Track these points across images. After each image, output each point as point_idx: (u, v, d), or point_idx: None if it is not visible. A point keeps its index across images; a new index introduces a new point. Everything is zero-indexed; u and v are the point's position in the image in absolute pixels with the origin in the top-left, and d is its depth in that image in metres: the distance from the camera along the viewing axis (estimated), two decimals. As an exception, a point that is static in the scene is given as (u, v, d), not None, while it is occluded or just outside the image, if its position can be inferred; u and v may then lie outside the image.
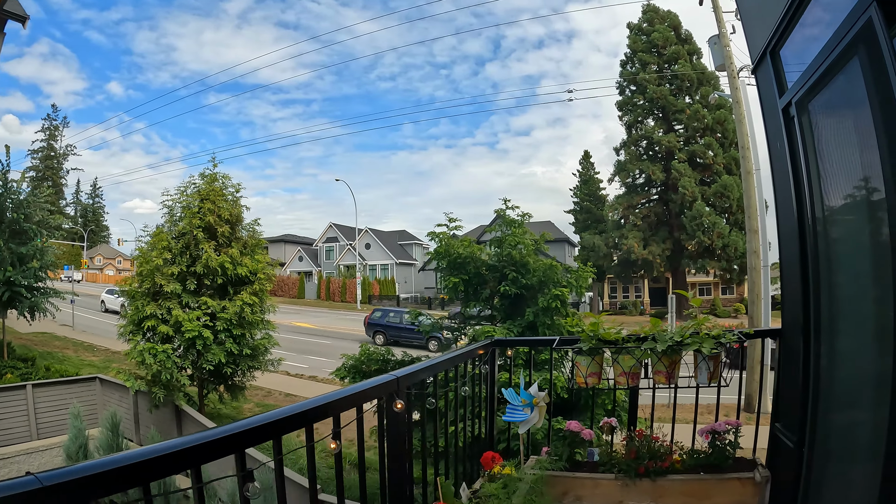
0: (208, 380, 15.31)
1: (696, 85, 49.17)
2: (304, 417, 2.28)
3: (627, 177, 51.45)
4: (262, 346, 15.54)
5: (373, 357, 10.00)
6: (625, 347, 3.75)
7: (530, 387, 3.88)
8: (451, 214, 10.30)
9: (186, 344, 14.07)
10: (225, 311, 14.44)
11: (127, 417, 14.76)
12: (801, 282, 3.56)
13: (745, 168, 18.08)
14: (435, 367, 3.64)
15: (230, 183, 15.85)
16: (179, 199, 15.36)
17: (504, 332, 9.14)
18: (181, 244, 14.73)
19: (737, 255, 45.36)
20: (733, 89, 18.69)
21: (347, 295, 67.54)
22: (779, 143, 3.87)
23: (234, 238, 15.43)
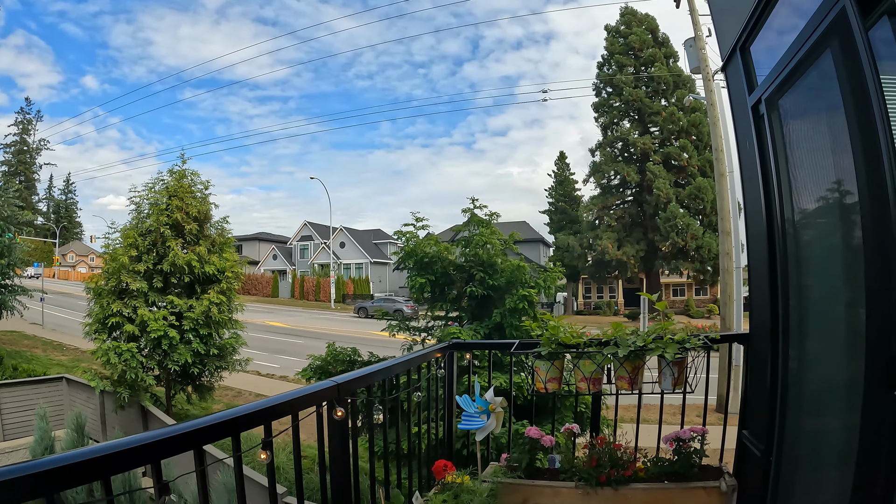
0: (175, 380, 15.01)
1: (672, 88, 49.40)
2: (230, 426, 2.13)
3: (602, 178, 51.53)
4: (230, 346, 15.25)
5: (339, 357, 9.80)
6: (586, 352, 3.62)
7: (486, 392, 3.74)
8: (418, 213, 10.11)
9: (152, 344, 13.78)
10: (192, 311, 14.17)
11: (93, 418, 14.49)
12: (769, 285, 3.44)
13: (718, 170, 18.08)
14: (385, 371, 3.46)
15: (199, 180, 15.58)
16: (147, 196, 15.06)
17: (470, 333, 8.97)
18: (148, 241, 14.43)
19: (710, 257, 45.62)
20: (708, 92, 18.70)
21: (322, 294, 67.10)
22: (748, 142, 3.75)
23: (202, 236, 15.14)
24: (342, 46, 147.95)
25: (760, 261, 3.61)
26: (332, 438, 2.84)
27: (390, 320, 10.28)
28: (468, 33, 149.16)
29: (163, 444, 1.86)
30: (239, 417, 2.15)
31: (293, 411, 2.51)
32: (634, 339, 3.52)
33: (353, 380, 3.00)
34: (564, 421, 8.33)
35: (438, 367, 4.04)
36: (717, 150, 18.12)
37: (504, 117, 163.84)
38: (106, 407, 14.49)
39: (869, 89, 2.24)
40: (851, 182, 2.52)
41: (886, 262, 2.23)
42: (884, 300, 2.26)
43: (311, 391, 2.66)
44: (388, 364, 3.52)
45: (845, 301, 2.87)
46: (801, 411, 3.26)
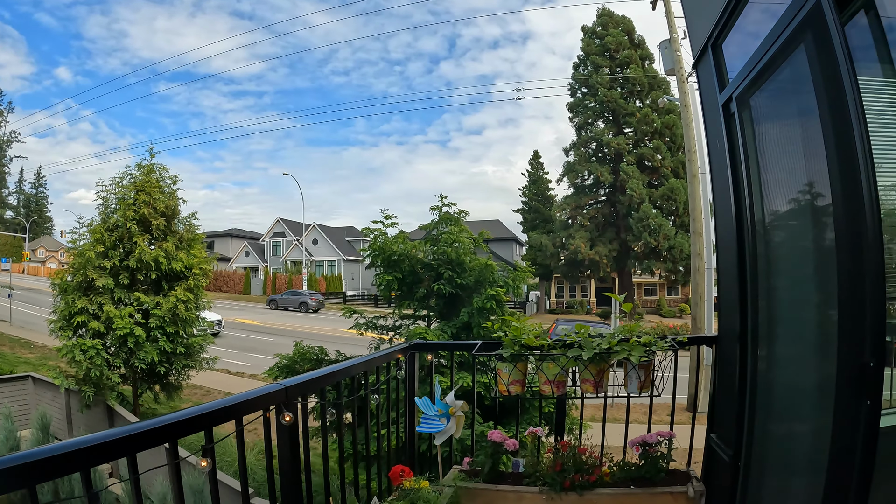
0: (142, 379, 14.73)
1: (647, 89, 49.70)
2: (166, 433, 2.00)
3: (576, 178, 51.78)
4: (198, 345, 15.00)
5: (306, 356, 9.63)
6: (549, 354, 3.52)
7: (447, 395, 3.63)
8: (387, 211, 9.97)
9: (118, 341, 13.48)
10: (158, 308, 13.88)
11: (59, 417, 14.31)
12: (738, 287, 3.37)
13: (691, 172, 18.14)
14: (339, 373, 3.33)
15: (167, 174, 15.26)
16: (115, 191, 14.74)
17: (437, 332, 8.85)
18: (114, 237, 14.15)
19: (682, 257, 45.87)
20: (682, 93, 18.74)
21: (294, 291, 66.55)
22: (718, 141, 3.67)
23: (170, 231, 14.87)
24: (319, 42, 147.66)
25: (730, 262, 3.54)
26: (281, 445, 2.69)
27: (358, 318, 10.10)
28: (445, 31, 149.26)
29: (91, 451, 1.74)
30: (175, 423, 2.02)
31: (237, 416, 2.36)
32: (599, 341, 3.43)
33: (302, 383, 2.84)
34: (531, 421, 8.25)
35: (398, 369, 3.92)
36: (690, 152, 18.16)
37: (479, 116, 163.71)
38: (72, 406, 14.22)
39: (844, 87, 2.15)
40: (824, 183, 2.44)
41: (859, 265, 2.16)
42: (856, 304, 2.18)
43: (256, 395, 2.50)
44: (343, 365, 3.38)
45: (816, 304, 2.80)
46: (770, 416, 3.19)
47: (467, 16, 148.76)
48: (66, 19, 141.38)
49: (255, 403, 2.47)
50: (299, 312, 51.29)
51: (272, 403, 2.56)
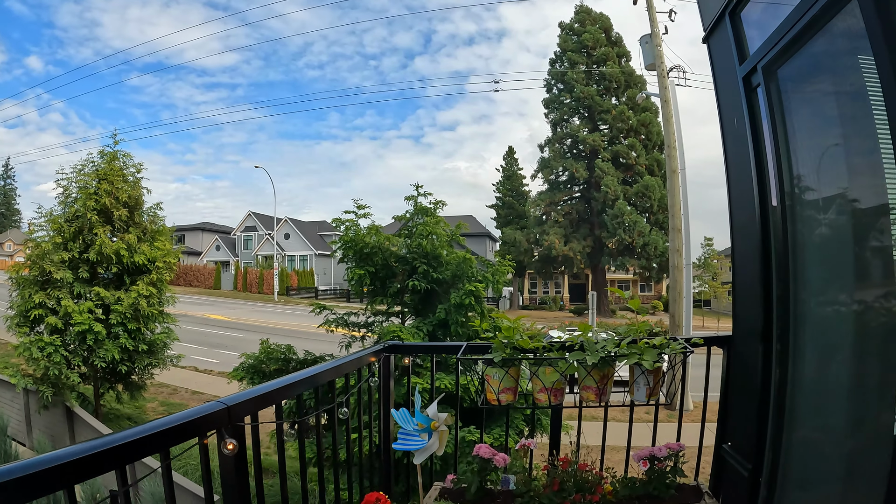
0: (103, 378, 14.10)
1: (624, 87, 49.66)
2: (62, 475, 1.45)
3: (551, 174, 51.58)
4: (161, 342, 14.32)
5: (273, 355, 9.12)
6: (547, 359, 3.09)
7: (429, 407, 3.15)
8: (360, 201, 9.43)
9: (77, 338, 12.85)
10: (119, 303, 13.23)
11: (18, 419, 13.73)
12: (760, 279, 2.95)
13: (670, 167, 17.85)
14: (301, 383, 2.79)
15: (131, 163, 14.52)
16: (76, 179, 14.00)
17: (412, 330, 8.37)
18: (74, 228, 13.46)
19: (656, 254, 45.95)
20: (662, 88, 18.48)
21: (265, 286, 65.81)
22: (736, 118, 3.25)
23: (133, 223, 14.15)
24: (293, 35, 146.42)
25: (750, 252, 3.11)
26: (225, 478, 2.10)
27: (329, 315, 9.58)
28: (421, 27, 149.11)
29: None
30: (68, 464, 1.45)
31: (160, 449, 1.81)
32: (605, 342, 3.01)
33: (251, 399, 2.28)
34: (516, 424, 7.83)
35: (371, 375, 3.42)
36: (670, 147, 17.86)
37: (453, 112, 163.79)
38: (31, 406, 13.55)
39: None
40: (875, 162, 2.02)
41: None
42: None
43: (189, 417, 1.92)
44: (305, 374, 2.86)
45: (860, 298, 2.39)
46: (800, 426, 2.78)
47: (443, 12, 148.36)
48: (37, 7, 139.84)
49: (185, 430, 1.90)
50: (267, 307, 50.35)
51: (210, 428, 1.99)
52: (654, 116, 48.36)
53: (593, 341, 2.97)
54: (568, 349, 3.06)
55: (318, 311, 9.61)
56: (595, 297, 19.82)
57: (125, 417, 15.47)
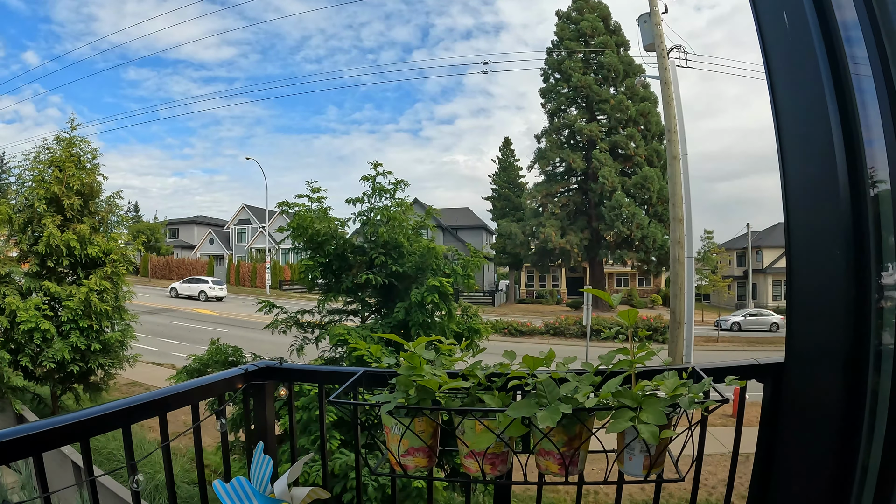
0: (56, 379, 13.06)
1: (622, 76, 48.47)
2: None
3: (547, 165, 50.35)
4: (116, 341, 13.26)
5: (219, 357, 7.99)
6: (476, 409, 1.78)
7: (279, 480, 1.85)
8: (315, 183, 8.20)
9: (24, 337, 11.83)
10: (71, 299, 12.24)
11: None
12: (848, 282, 1.71)
13: (671, 153, 16.70)
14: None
15: (88, 149, 13.54)
16: (31, 167, 13.11)
17: (365, 333, 7.19)
18: (22, 219, 12.58)
19: (655, 247, 44.92)
20: (662, 69, 17.33)
21: (258, 280, 64.90)
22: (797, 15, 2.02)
23: (87, 212, 13.14)
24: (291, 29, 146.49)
25: (820, 239, 1.89)
26: None
27: (279, 314, 8.40)
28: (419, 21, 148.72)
29: None
30: None
31: None
32: (577, 382, 1.79)
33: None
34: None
35: (220, 413, 2.18)
36: (671, 132, 16.69)
37: (451, 106, 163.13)
38: None
39: None
40: None
41: None
42: None
43: None
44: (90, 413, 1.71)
45: None
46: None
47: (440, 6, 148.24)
48: (33, 2, 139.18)
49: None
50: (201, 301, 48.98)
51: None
52: (654, 106, 47.32)
53: (554, 380, 1.73)
54: (515, 392, 1.87)
55: (267, 309, 8.43)
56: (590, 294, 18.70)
57: None
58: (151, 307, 40.62)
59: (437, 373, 1.82)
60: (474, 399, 1.83)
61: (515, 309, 50.75)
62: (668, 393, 1.63)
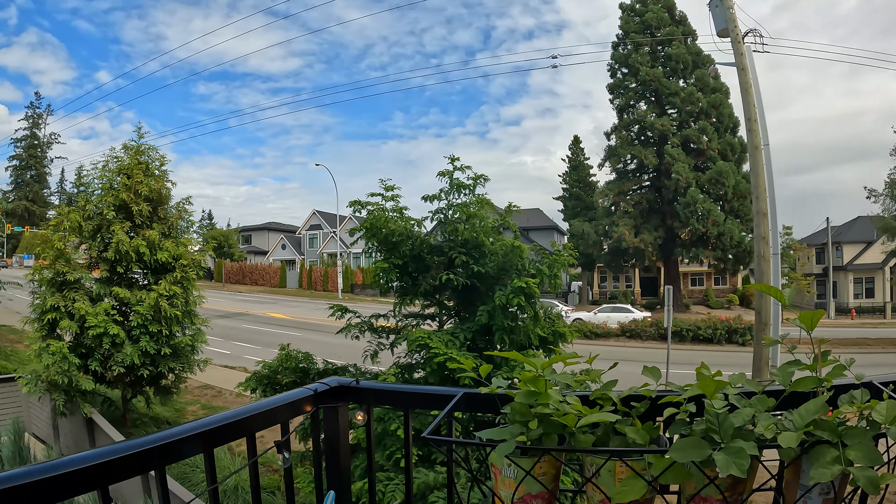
0: (126, 382, 13.16)
1: (691, 67, 47.13)
2: None
3: (618, 162, 49.35)
4: (186, 345, 13.30)
5: (289, 364, 7.72)
6: (622, 450, 1.28)
7: None
8: (388, 181, 7.83)
9: (94, 342, 11.91)
10: (140, 304, 12.26)
11: (46, 422, 13.31)
12: None
13: (752, 143, 15.83)
14: None
15: (156, 156, 13.68)
16: (99, 175, 13.28)
17: (445, 338, 6.76)
18: (92, 226, 12.62)
19: (732, 244, 43.44)
20: (738, 55, 16.50)
21: (329, 284, 65.51)
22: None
23: (156, 218, 13.25)
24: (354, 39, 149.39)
25: None
26: None
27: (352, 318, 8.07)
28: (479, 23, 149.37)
29: None
30: None
31: None
32: (751, 408, 1.24)
33: None
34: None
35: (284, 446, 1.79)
36: (750, 120, 15.85)
37: (517, 107, 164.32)
38: (57, 411, 12.98)
39: None
40: None
41: None
42: None
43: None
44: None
45: None
46: None
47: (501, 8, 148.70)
48: (104, 25, 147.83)
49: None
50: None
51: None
52: (725, 97, 45.87)
53: (717, 406, 1.26)
54: (653, 415, 1.44)
55: (339, 314, 8.09)
56: (671, 291, 17.94)
57: (164, 421, 14.99)
58: (225, 311, 41.29)
59: (568, 400, 1.41)
60: (608, 430, 1.41)
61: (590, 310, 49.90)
62: (887, 421, 1.17)
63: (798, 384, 1.35)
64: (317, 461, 2.07)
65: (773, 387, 1.42)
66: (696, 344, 29.22)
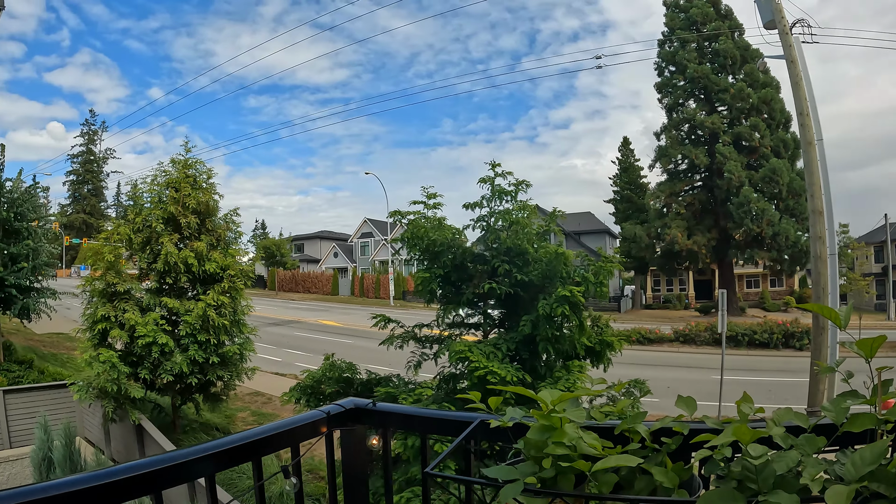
0: (176, 390, 13.47)
1: (740, 63, 46.13)
2: None
3: (669, 162, 48.44)
4: (235, 353, 13.51)
5: (331, 374, 7.67)
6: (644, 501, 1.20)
7: None
8: (430, 189, 7.75)
9: (143, 351, 12.21)
10: (189, 314, 12.52)
11: (98, 427, 13.94)
12: None
13: (805, 138, 15.32)
14: None
15: (203, 169, 13.99)
16: (148, 189, 13.69)
17: (488, 350, 6.61)
18: (141, 238, 12.97)
19: (787, 244, 42.30)
20: (786, 47, 15.99)
21: (381, 291, 65.95)
22: None
23: (204, 230, 13.53)
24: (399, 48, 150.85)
25: None
26: None
27: (395, 328, 8.02)
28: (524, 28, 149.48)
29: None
30: None
31: None
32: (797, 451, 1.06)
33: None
34: None
35: (288, 473, 1.69)
36: (803, 115, 15.33)
37: (565, 110, 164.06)
38: (108, 417, 13.41)
39: None
40: None
41: None
42: None
43: None
44: None
45: None
46: None
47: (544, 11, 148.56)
48: (154, 43, 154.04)
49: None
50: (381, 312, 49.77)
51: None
52: (776, 92, 44.78)
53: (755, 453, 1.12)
54: (683, 452, 1.32)
55: (382, 324, 8.04)
56: (724, 295, 17.45)
57: (213, 427, 15.43)
58: (277, 319, 41.86)
59: (585, 437, 1.30)
60: (634, 469, 1.27)
61: (642, 315, 49.09)
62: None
63: (853, 423, 1.18)
64: (331, 486, 2.00)
65: (825, 420, 1.27)
66: (752, 349, 28.44)
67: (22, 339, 24.66)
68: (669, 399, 6.83)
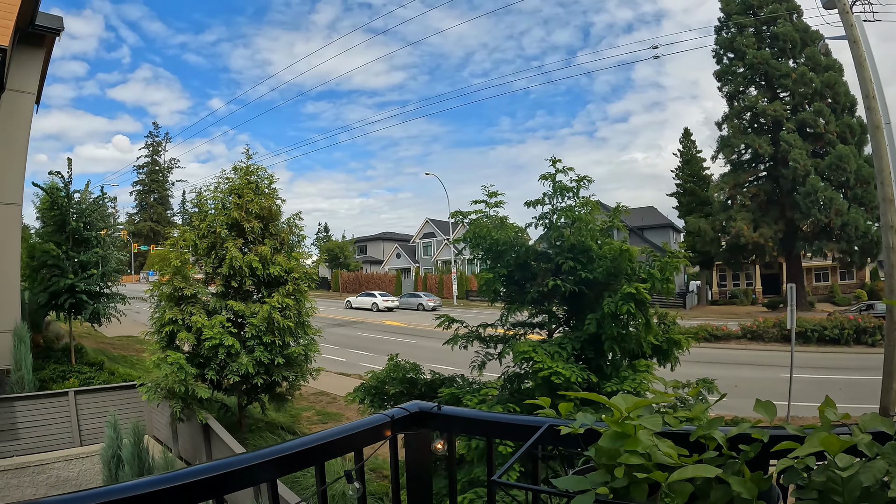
0: (242, 390, 13.79)
1: (800, 46, 44.78)
2: None
3: (732, 153, 47.24)
4: (300, 354, 13.78)
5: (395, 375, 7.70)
6: None
7: None
8: (491, 187, 7.73)
9: (210, 352, 12.58)
10: (254, 316, 12.85)
11: (167, 427, 14.36)
12: None
13: (872, 122, 14.63)
14: None
15: (265, 175, 14.28)
16: (212, 196, 14.08)
17: (552, 349, 6.50)
18: (206, 244, 13.35)
19: (858, 235, 40.82)
20: (848, 26, 15.34)
21: (445, 290, 66.16)
22: None
23: (268, 234, 13.83)
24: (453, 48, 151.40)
25: None
26: None
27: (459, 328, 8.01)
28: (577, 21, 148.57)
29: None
30: None
31: None
32: (884, 460, 1.05)
33: None
34: None
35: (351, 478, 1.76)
36: (869, 98, 14.68)
37: (623, 103, 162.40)
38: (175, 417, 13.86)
39: None
40: None
41: None
42: None
43: None
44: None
45: None
46: None
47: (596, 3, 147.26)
48: (212, 56, 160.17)
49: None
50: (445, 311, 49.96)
51: None
52: (839, 75, 43.28)
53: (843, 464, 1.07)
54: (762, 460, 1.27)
55: (446, 324, 8.04)
56: (793, 289, 16.85)
57: (279, 427, 15.75)
58: (341, 320, 42.42)
59: (660, 445, 1.23)
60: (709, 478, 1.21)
61: (708, 311, 48.07)
62: None
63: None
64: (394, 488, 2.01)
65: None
66: (822, 345, 27.55)
67: (93, 342, 25.58)
68: (737, 398, 6.74)
